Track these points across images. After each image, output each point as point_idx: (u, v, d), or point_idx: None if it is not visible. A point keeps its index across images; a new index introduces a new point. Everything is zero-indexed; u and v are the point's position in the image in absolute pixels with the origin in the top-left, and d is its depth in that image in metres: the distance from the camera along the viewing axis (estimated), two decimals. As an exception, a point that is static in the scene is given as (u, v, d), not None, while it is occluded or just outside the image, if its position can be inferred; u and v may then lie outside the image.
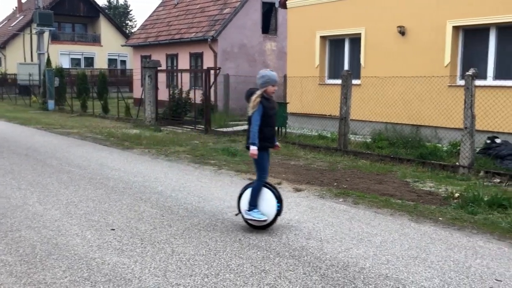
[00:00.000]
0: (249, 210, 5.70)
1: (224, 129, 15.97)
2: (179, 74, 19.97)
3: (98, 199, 7.20)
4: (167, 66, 24.35)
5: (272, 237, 5.53)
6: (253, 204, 5.69)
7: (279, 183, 8.46)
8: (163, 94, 20.38)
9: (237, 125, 17.39)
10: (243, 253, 5.03)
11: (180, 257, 4.90)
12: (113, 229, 5.76)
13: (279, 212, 5.73)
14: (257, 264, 4.73)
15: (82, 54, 44.15)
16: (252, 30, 22.19)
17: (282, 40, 21.75)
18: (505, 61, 11.57)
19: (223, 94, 20.91)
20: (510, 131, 11.00)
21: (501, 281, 4.38)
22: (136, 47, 27.31)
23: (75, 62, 43.64)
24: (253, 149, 5.53)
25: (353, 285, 4.27)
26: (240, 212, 5.87)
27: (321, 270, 4.60)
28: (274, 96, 5.83)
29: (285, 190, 7.99)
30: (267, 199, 5.73)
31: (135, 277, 4.39)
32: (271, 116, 5.65)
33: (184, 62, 23.44)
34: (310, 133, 14.59)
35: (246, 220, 5.80)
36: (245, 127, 16.47)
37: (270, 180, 8.70)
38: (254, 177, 8.95)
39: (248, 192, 5.81)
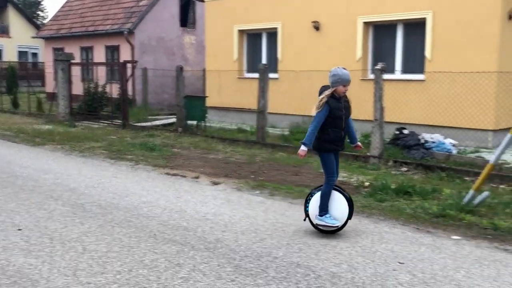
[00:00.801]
0: (320, 216, 5.38)
1: (143, 124, 15.67)
2: (94, 68, 19.31)
3: (5, 198, 6.83)
4: (81, 59, 23.45)
5: (187, 231, 5.53)
6: (324, 209, 5.37)
7: (197, 177, 8.45)
8: (78, 88, 19.63)
9: (156, 119, 17.14)
10: (158, 248, 4.99)
11: (92, 255, 4.77)
12: (20, 229, 5.50)
13: (350, 216, 5.43)
14: (171, 258, 4.71)
15: (-11, 46, 41.47)
16: (170, 23, 21.89)
17: (201, 34, 21.64)
18: (411, 56, 12.22)
19: (142, 88, 20.49)
20: (416, 122, 11.65)
21: (403, 263, 4.65)
22: (48, 39, 26.05)
23: (-19, 54, 40.95)
24: (302, 149, 5.28)
25: (265, 274, 4.36)
26: (307, 216, 5.55)
27: (235, 261, 4.66)
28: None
29: (203, 184, 8.00)
30: (338, 202, 5.42)
31: (43, 277, 4.23)
32: (338, 118, 5.26)
33: (99, 55, 22.68)
34: (229, 127, 14.67)
35: (314, 225, 5.48)
36: (165, 121, 16.39)
37: (188, 174, 8.70)
38: (172, 171, 8.97)
39: (317, 197, 5.46)
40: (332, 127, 5.25)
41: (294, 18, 14.14)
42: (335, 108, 5.22)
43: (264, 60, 15.26)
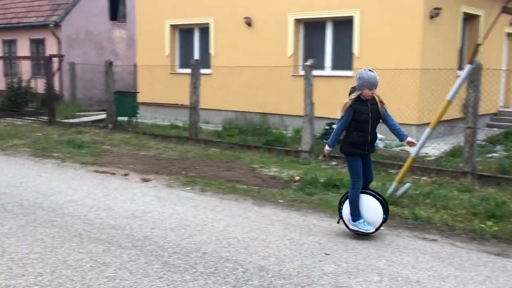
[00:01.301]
0: (353, 221, 5.22)
1: (71, 120, 15.15)
2: (18, 62, 18.43)
3: None
4: (4, 53, 22.30)
5: (115, 230, 5.40)
6: (356, 213, 5.20)
7: (127, 174, 8.28)
8: (0, 84, 18.66)
9: (85, 115, 16.62)
10: (83, 247, 4.85)
11: (12, 256, 4.56)
12: None
13: (385, 219, 5.23)
14: (97, 257, 4.59)
15: None
16: (99, 17, 21.23)
17: (132, 28, 21.12)
18: (340, 53, 12.55)
19: (70, 83, 19.78)
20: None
21: (329, 254, 4.77)
22: (-33, 31, 24.55)
23: None
24: (326, 148, 5.39)
25: (193, 270, 4.34)
26: (341, 219, 5.39)
27: (163, 258, 4.61)
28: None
29: (132, 181, 7.85)
30: (371, 206, 5.21)
31: (-44, 282, 4.00)
32: (363, 121, 5.06)
33: (23, 49, 21.63)
34: (162, 123, 14.47)
35: (349, 229, 5.31)
36: (95, 117, 15.91)
37: (118, 171, 8.51)
38: (101, 169, 8.73)
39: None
40: (357, 131, 5.09)
41: (227, 14, 14.13)
42: (360, 111, 5.05)
43: (196, 56, 15.16)
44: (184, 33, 15.72)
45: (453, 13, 12.07)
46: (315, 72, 10.32)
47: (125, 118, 14.00)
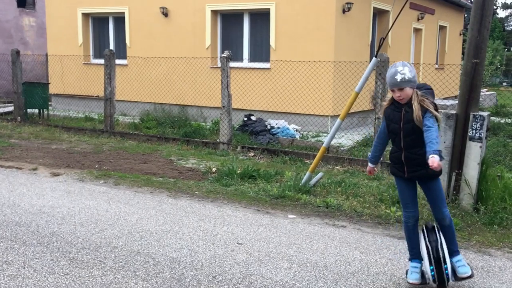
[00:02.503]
0: (409, 259, 4.10)
1: (-25, 113, 14.20)
2: None
3: None
4: None
5: (19, 226, 5.14)
6: (410, 251, 4.08)
7: (35, 169, 7.90)
8: None
9: (-8, 108, 15.64)
10: (-17, 246, 4.58)
11: None
12: None
13: (439, 278, 3.80)
14: (-2, 256, 4.35)
15: None
16: (6, 3, 19.97)
17: (42, 16, 20.09)
18: (258, 45, 12.66)
19: (-26, 73, 18.50)
20: (263, 109, 12.13)
21: (242, 244, 4.82)
22: None
23: None
24: (369, 165, 4.34)
25: (103, 265, 4.23)
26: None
27: (71, 254, 4.45)
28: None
29: (41, 176, 7.50)
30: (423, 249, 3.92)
31: None
32: (393, 133, 3.91)
33: None
34: (76, 115, 13.92)
35: None
36: (2, 110, 15.00)
37: (25, 166, 8.10)
38: (7, 163, 8.25)
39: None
40: (393, 144, 4.02)
41: (142, 3, 13.80)
42: (390, 119, 3.93)
43: (112, 46, 14.69)
44: (98, 22, 15.17)
45: (364, 8, 12.54)
46: (233, 64, 10.36)
47: (36, 110, 13.34)
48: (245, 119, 11.37)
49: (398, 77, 3.69)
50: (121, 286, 3.85)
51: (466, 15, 22.89)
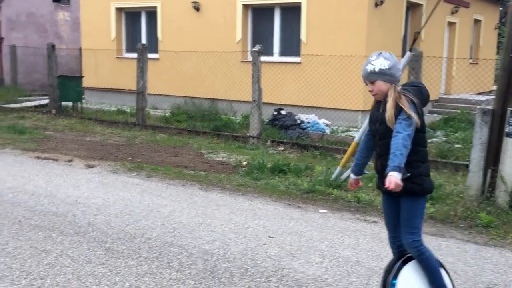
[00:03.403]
0: None
1: (12, 105, 14.57)
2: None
3: None
4: None
5: (56, 216, 5.28)
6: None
7: (70, 160, 8.08)
8: None
9: (28, 100, 16.03)
10: (23, 235, 4.72)
11: None
12: None
13: None
14: (37, 245, 4.49)
15: None
16: (42, -2, 20.42)
17: (76, 10, 20.43)
18: (289, 39, 12.63)
19: (10, 67, 18.98)
20: (293, 103, 12.11)
21: (273, 237, 4.85)
22: None
23: None
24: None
25: (138, 255, 4.32)
26: None
27: (106, 244, 4.56)
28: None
29: (76, 167, 7.67)
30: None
31: None
32: (373, 136, 3.33)
33: (-39, 30, 20.57)
34: (108, 108, 14.16)
35: None
36: (38, 102, 15.38)
37: (61, 157, 8.29)
38: (43, 155, 8.48)
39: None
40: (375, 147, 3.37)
41: (174, -2, 13.91)
42: (370, 119, 3.38)
43: (144, 40, 14.86)
44: (131, 16, 15.36)
45: (397, 1, 12.36)
46: (263, 58, 10.36)
47: (70, 103, 13.61)
48: (275, 113, 11.37)
49: (368, 68, 3.18)
50: (156, 276, 3.92)
51: (501, 8, 22.32)
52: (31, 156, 8.35)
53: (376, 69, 3.14)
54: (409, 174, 2.98)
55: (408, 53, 6.18)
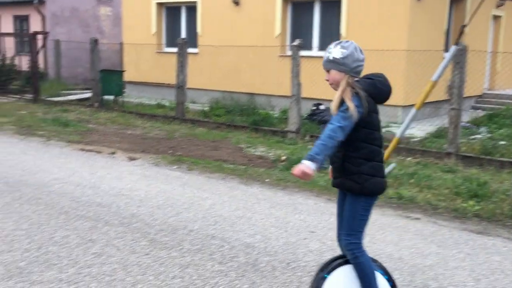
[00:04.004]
0: None
1: (56, 99, 14.98)
2: (1, 39, 18.11)
3: None
4: (-13, 29, 21.89)
5: (101, 207, 5.41)
6: None
7: (113, 153, 8.25)
8: (-16, 61, 18.33)
9: (71, 94, 16.46)
10: (69, 224, 4.86)
11: (-3, 233, 4.56)
12: None
13: None
14: (83, 234, 4.61)
15: None
16: (85, -6, 20.89)
17: (117, 5, 20.82)
18: (328, 33, 12.52)
19: (54, 61, 19.51)
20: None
21: (314, 232, 4.84)
22: (-51, 6, 24.03)
23: None
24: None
25: (180, 247, 4.38)
26: None
27: (150, 235, 4.64)
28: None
29: (119, 159, 7.83)
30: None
31: None
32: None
33: (7, 25, 21.25)
34: (148, 102, 14.38)
35: None
36: (80, 96, 15.76)
37: (104, 150, 8.47)
38: (87, 147, 8.69)
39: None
40: None
41: (214, -8, 13.99)
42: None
43: (183, 35, 15.02)
44: (171, 11, 15.54)
45: (440, -6, 12.10)
46: (303, 53, 10.30)
47: (111, 97, 13.89)
48: (314, 108, 11.32)
49: (325, 56, 3.03)
50: (199, 268, 3.98)
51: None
52: (75, 148, 8.57)
53: (331, 58, 3.00)
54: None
55: (453, 47, 6.04)
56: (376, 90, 2.96)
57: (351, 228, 3.06)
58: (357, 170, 2.95)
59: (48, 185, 6.19)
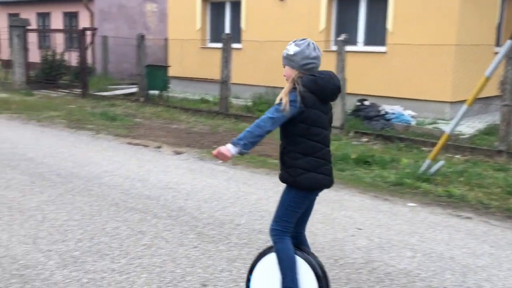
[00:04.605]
0: None
1: (103, 93, 15.36)
2: (52, 35, 18.68)
3: (-41, 167, 6.64)
4: (38, 26, 22.63)
5: (150, 200, 5.52)
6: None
7: (159, 147, 8.40)
8: (35, 56, 18.98)
9: (117, 89, 16.82)
10: (120, 216, 4.98)
11: (52, 223, 4.72)
12: (-23, 199, 5.38)
13: None
14: (133, 226, 4.72)
15: None
16: (132, -10, 21.30)
17: (163, 2, 21.13)
18: (374, 28, 12.33)
19: (102, 56, 20.00)
20: (377, 94, 11.83)
21: (361, 229, 4.79)
22: (2, 4, 24.96)
23: None
24: None
25: (228, 241, 4.43)
26: None
27: (197, 228, 4.70)
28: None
29: (165, 153, 7.97)
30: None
31: (1, 245, 4.17)
32: None
33: (57, 22, 21.93)
34: (192, 97, 14.54)
35: None
36: (126, 90, 16.10)
37: (150, 143, 8.64)
38: (134, 141, 8.89)
39: None
40: None
41: (258, -12, 13.99)
42: None
43: (227, 30, 15.09)
44: (216, 7, 15.65)
45: (492, -13, 11.70)
46: (347, 48, 10.18)
47: (156, 92, 14.12)
48: (358, 103, 11.18)
49: (283, 53, 3.11)
50: (246, 262, 4.00)
51: None
52: (123, 142, 8.77)
53: (285, 54, 3.08)
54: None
55: (508, 42, 5.84)
56: (317, 86, 3.00)
57: (278, 215, 3.19)
58: (293, 163, 3.03)
59: (99, 177, 6.36)
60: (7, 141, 8.48)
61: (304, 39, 3.10)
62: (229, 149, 2.89)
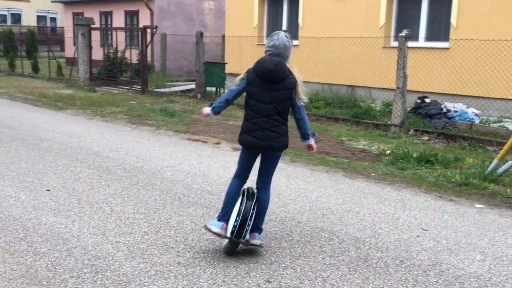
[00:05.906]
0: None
1: (162, 90, 15.71)
2: (114, 33, 19.28)
3: (32, 160, 6.96)
4: (101, 24, 23.41)
5: (211, 195, 5.60)
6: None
7: (218, 143, 8.51)
8: (98, 54, 19.65)
9: (175, 85, 17.16)
10: (183, 210, 5.08)
11: (119, 216, 4.87)
12: (49, 190, 5.62)
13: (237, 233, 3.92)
14: (197, 220, 4.80)
15: (8, 10, 41.51)
16: (190, -12, 21.66)
17: (220, 0, 21.40)
18: (436, 23, 11.97)
19: (160, 54, 20.45)
20: (439, 91, 11.50)
21: (427, 230, 4.67)
22: (67, 3, 26.00)
23: (1, 18, 41.03)
24: None
25: (290, 238, 4.43)
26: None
27: (259, 224, 4.72)
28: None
29: (224, 149, 8.06)
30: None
31: (73, 236, 4.34)
32: None
33: (119, 20, 22.61)
34: (248, 94, 14.62)
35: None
36: (184, 87, 16.39)
37: (209, 140, 8.75)
38: (193, 137, 9.03)
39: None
40: None
41: (316, -16, 13.88)
42: None
43: (284, 27, 15.07)
44: (273, 4, 15.65)
45: None
46: (409, 44, 9.94)
47: (213, 89, 14.30)
48: (419, 101, 10.90)
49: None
50: (310, 260, 3.99)
51: None
52: (182, 138, 8.94)
53: None
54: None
55: None
56: (255, 68, 3.96)
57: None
58: (241, 126, 4.08)
59: (161, 172, 6.51)
60: (74, 135, 8.82)
61: (278, 32, 4.01)
62: (206, 109, 4.06)
